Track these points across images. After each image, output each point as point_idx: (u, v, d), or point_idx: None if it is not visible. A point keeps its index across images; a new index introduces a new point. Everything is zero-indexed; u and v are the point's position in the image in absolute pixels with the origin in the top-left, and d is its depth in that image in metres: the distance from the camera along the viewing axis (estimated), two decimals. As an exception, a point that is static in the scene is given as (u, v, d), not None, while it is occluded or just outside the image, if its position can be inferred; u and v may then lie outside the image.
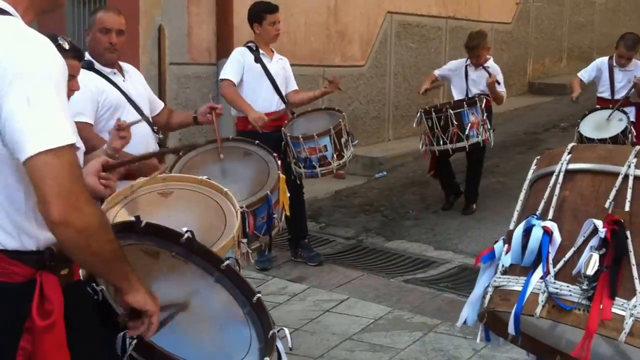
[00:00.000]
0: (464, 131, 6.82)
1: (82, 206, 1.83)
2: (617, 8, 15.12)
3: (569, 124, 9.98)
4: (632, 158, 1.74)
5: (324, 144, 5.69)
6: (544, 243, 1.76)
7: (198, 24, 7.56)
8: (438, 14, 10.58)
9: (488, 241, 6.44)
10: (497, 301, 1.85)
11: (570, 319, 1.67)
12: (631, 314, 1.62)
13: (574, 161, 1.85)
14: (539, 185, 1.95)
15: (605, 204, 1.73)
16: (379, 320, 4.99)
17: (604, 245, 1.68)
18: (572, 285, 1.69)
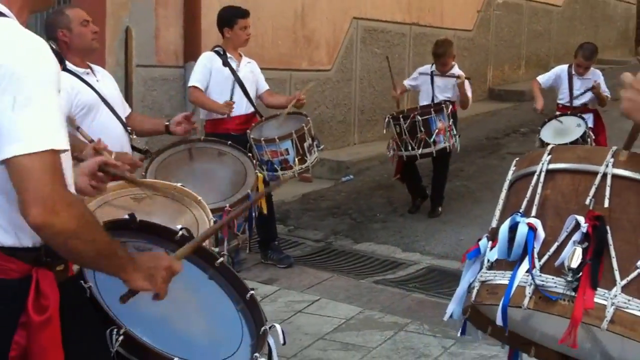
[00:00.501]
0: (431, 137, 6.91)
1: (59, 210, 1.83)
2: (573, 17, 15.40)
3: (529, 129, 10.15)
4: (609, 158, 1.80)
5: (286, 147, 5.72)
6: (529, 238, 1.81)
7: (165, 27, 7.51)
8: (402, 21, 10.67)
9: (454, 243, 6.63)
10: (484, 295, 1.89)
11: (556, 309, 1.72)
12: (612, 303, 1.68)
13: (554, 161, 1.90)
14: (519, 185, 2.00)
15: (586, 201, 1.78)
16: (351, 320, 5.02)
17: (586, 239, 1.73)
18: (557, 277, 1.75)
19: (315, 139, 6.02)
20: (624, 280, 1.70)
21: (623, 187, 1.77)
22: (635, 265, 1.71)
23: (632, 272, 1.70)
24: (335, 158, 9.00)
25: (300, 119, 6.06)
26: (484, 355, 4.37)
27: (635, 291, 1.69)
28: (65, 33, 4.32)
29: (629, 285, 1.70)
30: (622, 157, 1.79)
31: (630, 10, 18.08)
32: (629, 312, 1.68)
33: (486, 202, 7.79)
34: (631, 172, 1.77)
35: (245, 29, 6.08)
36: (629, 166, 1.78)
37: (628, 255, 1.72)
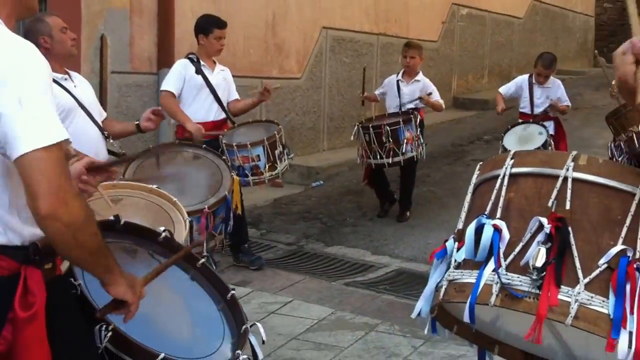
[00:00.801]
0: (399, 147, 7.01)
1: (69, 201, 1.88)
2: (534, 29, 15.58)
3: (492, 136, 10.24)
4: (569, 162, 1.84)
5: (257, 153, 5.77)
6: (495, 239, 1.84)
7: (140, 35, 7.54)
8: (370, 31, 10.76)
9: (422, 246, 6.72)
10: (452, 293, 1.91)
11: (521, 306, 1.76)
12: (576, 300, 1.72)
13: (517, 166, 1.93)
14: (483, 188, 2.02)
15: (548, 203, 1.82)
16: (323, 320, 5.05)
17: (550, 240, 1.77)
18: (522, 276, 1.78)
19: (286, 147, 6.08)
20: (587, 278, 1.74)
21: (583, 190, 1.81)
22: (596, 264, 1.75)
23: (594, 270, 1.74)
24: (305, 164, 9.05)
25: (271, 126, 6.12)
26: (453, 355, 4.43)
27: (598, 289, 1.73)
28: (46, 39, 4.37)
29: (591, 283, 1.73)
30: (582, 162, 1.83)
31: (589, 23, 18.36)
32: (592, 309, 1.71)
33: (452, 207, 7.88)
34: (590, 176, 1.81)
35: (219, 39, 6.12)
36: (589, 170, 1.82)
37: (589, 255, 1.76)
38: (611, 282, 1.72)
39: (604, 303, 1.71)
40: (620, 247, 1.74)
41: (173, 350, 2.27)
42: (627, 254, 1.73)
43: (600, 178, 1.80)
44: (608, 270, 1.73)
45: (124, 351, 2.20)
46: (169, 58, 7.48)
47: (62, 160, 1.90)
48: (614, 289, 1.71)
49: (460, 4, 13.03)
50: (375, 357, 4.51)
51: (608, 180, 1.79)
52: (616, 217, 1.77)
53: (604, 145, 8.76)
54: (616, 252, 1.73)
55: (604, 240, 1.76)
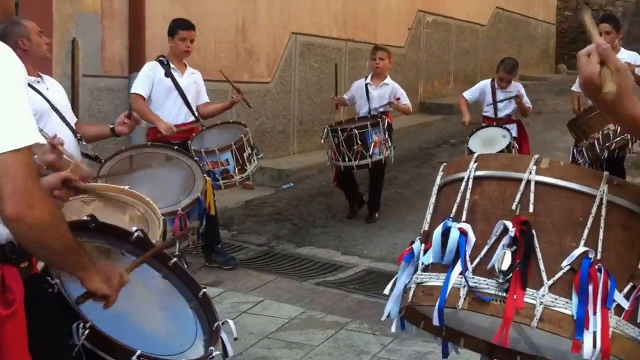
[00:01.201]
0: (367, 150, 7.04)
1: (35, 204, 1.88)
2: (497, 36, 15.72)
3: (458, 140, 10.30)
4: (532, 165, 1.84)
5: (226, 158, 5.78)
6: (461, 242, 1.84)
7: (111, 38, 7.49)
8: (338, 36, 10.80)
9: (391, 246, 6.76)
10: (420, 296, 1.91)
11: (489, 309, 1.76)
12: (541, 302, 1.73)
13: (481, 169, 1.93)
14: (448, 191, 2.02)
15: (512, 207, 1.82)
16: (294, 319, 5.07)
17: (514, 243, 1.78)
18: (488, 279, 1.78)
19: (255, 148, 6.09)
20: (551, 280, 1.74)
21: (545, 193, 1.81)
22: (559, 266, 1.76)
23: (557, 272, 1.75)
24: (275, 166, 9.07)
25: (239, 129, 6.11)
26: (420, 352, 4.46)
27: (561, 290, 1.74)
28: (25, 42, 4.35)
29: (555, 285, 1.74)
30: (544, 165, 1.84)
31: (550, 30, 18.60)
32: (556, 310, 1.73)
33: (420, 209, 7.88)
34: (552, 179, 1.82)
35: (184, 40, 6.09)
36: (550, 173, 1.83)
37: (553, 257, 1.77)
38: (574, 284, 1.73)
39: (568, 304, 1.73)
40: (583, 249, 1.75)
41: (148, 347, 2.27)
42: (588, 256, 1.74)
43: (561, 181, 1.81)
44: (571, 272, 1.74)
45: (101, 348, 2.19)
46: (140, 62, 7.43)
47: (29, 163, 1.90)
48: (577, 290, 1.73)
49: (426, 11, 13.12)
50: (345, 354, 4.53)
51: (569, 182, 1.80)
52: (578, 219, 1.78)
53: (565, 149, 8.89)
54: (578, 254, 1.74)
55: (566, 242, 1.77)
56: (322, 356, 4.50)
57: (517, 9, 16.48)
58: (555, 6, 18.91)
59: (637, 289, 1.76)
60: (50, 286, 2.22)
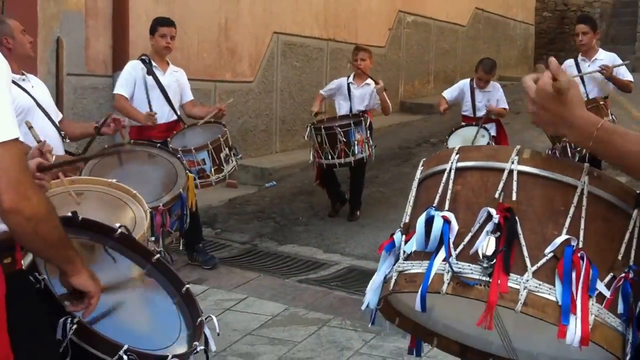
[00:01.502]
0: (350, 148, 7.08)
1: (31, 195, 1.88)
2: (476, 36, 15.77)
3: (437, 139, 10.35)
4: (514, 155, 1.85)
5: (202, 157, 5.77)
6: (445, 230, 1.84)
7: (95, 37, 7.48)
8: (320, 36, 10.82)
9: (372, 244, 6.80)
10: (402, 283, 1.89)
11: (473, 293, 1.75)
12: (525, 287, 1.72)
13: (463, 160, 1.93)
14: (429, 183, 2.00)
15: (495, 195, 1.83)
16: (277, 316, 5.09)
17: (498, 229, 1.78)
18: (472, 264, 1.77)
19: (233, 149, 6.07)
20: (534, 266, 1.74)
21: (528, 182, 1.82)
22: (542, 253, 1.76)
23: (540, 259, 1.75)
24: (258, 165, 9.09)
25: (219, 129, 6.10)
26: (401, 348, 4.48)
27: (544, 277, 1.74)
28: (9, 40, 4.37)
29: (539, 271, 1.74)
30: (526, 155, 1.85)
31: (529, 31, 18.71)
32: (540, 296, 1.72)
33: (400, 207, 7.91)
34: (534, 169, 1.83)
35: (164, 36, 6.10)
36: (532, 163, 1.83)
37: (536, 244, 1.76)
38: (557, 270, 1.74)
39: (551, 290, 1.73)
40: (565, 236, 1.76)
41: (133, 342, 2.28)
42: (571, 244, 1.75)
43: (543, 171, 1.82)
44: (554, 259, 1.75)
45: (88, 343, 2.20)
46: (123, 60, 7.41)
47: (21, 155, 1.91)
48: (561, 276, 1.73)
49: (406, 12, 13.14)
50: (328, 351, 4.55)
51: (551, 172, 1.82)
52: (559, 208, 1.80)
53: (543, 148, 8.96)
54: (561, 241, 1.75)
55: (548, 230, 1.78)
56: (305, 352, 4.52)
57: (496, 9, 16.56)
58: (533, 7, 19.03)
59: (618, 279, 1.77)
60: (37, 282, 2.23)
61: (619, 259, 1.80)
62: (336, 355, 4.49)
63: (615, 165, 1.81)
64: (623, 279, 1.77)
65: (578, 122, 1.74)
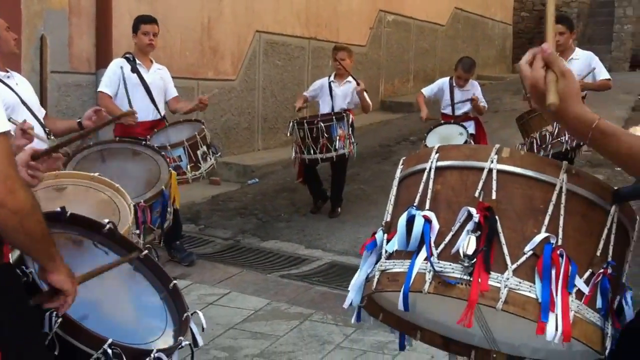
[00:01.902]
0: (332, 143, 7.10)
1: (17, 189, 1.88)
2: (455, 36, 15.87)
3: (417, 137, 10.37)
4: (493, 155, 1.86)
5: (178, 154, 5.75)
6: (426, 229, 1.84)
7: (79, 35, 7.46)
8: (302, 35, 10.85)
9: (353, 240, 6.85)
10: (385, 283, 1.89)
11: (454, 292, 1.76)
12: (505, 285, 1.74)
13: (442, 159, 1.93)
14: (409, 182, 2.01)
15: (475, 194, 1.83)
16: (259, 311, 5.10)
17: (478, 228, 1.78)
18: (454, 263, 1.78)
19: (212, 147, 6.05)
20: (514, 264, 1.75)
21: (507, 181, 1.83)
22: (522, 251, 1.77)
23: (520, 257, 1.76)
24: (241, 162, 9.10)
25: (196, 127, 6.09)
26: (382, 341, 4.52)
27: (524, 274, 1.75)
28: None
29: (519, 269, 1.75)
30: (505, 154, 1.86)
31: (507, 31, 18.84)
32: (521, 293, 1.73)
33: (381, 204, 7.99)
34: (514, 167, 1.83)
35: (147, 34, 6.10)
36: (512, 162, 1.84)
37: (516, 242, 1.77)
38: (537, 268, 1.75)
39: (531, 288, 1.74)
40: (544, 234, 1.77)
41: (119, 336, 2.29)
42: (550, 241, 1.76)
43: (522, 169, 1.83)
44: (534, 257, 1.76)
45: (73, 337, 2.21)
46: (107, 58, 7.43)
47: (8, 150, 1.89)
48: (540, 274, 1.74)
49: (387, 11, 13.20)
50: (310, 344, 4.58)
51: (530, 171, 1.83)
52: (538, 206, 1.80)
53: (521, 147, 9.10)
54: (540, 239, 1.76)
55: (528, 228, 1.79)
56: (287, 346, 4.54)
57: (475, 9, 16.65)
58: (512, 7, 19.17)
59: (596, 275, 1.79)
60: (24, 275, 2.23)
61: (598, 255, 1.82)
62: (318, 349, 4.51)
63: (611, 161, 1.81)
64: (602, 274, 1.80)
65: (572, 122, 1.74)
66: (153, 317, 2.60)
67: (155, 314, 2.61)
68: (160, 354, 2.33)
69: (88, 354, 2.21)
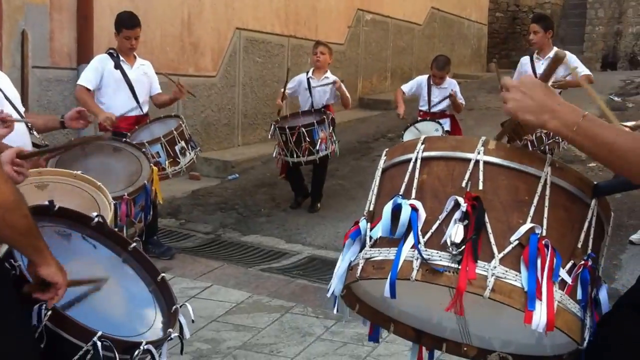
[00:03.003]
0: (314, 146, 7.16)
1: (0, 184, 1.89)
2: (432, 35, 15.92)
3: (395, 134, 10.39)
4: (480, 146, 1.87)
5: (156, 150, 5.74)
6: (413, 217, 1.83)
7: (60, 30, 7.40)
8: (281, 33, 10.83)
9: (332, 234, 6.89)
10: (370, 270, 1.87)
11: (442, 280, 1.76)
12: (492, 274, 1.74)
13: (428, 150, 1.92)
14: (393, 172, 1.99)
15: (462, 184, 1.84)
16: (241, 304, 5.11)
17: (466, 217, 1.79)
18: (441, 251, 1.78)
19: (191, 141, 6.03)
20: (501, 254, 1.76)
21: (493, 173, 1.84)
22: (508, 240, 1.77)
23: (506, 247, 1.77)
24: (221, 158, 9.08)
25: (176, 122, 6.05)
26: (361, 334, 4.51)
27: (510, 264, 1.75)
28: None
29: (505, 258, 1.76)
30: (491, 146, 1.87)
31: (482, 30, 18.94)
32: (507, 282, 1.74)
33: (359, 199, 8.05)
34: (500, 159, 1.85)
35: (128, 39, 6.04)
36: (498, 154, 1.85)
37: (501, 233, 1.78)
38: (523, 258, 1.75)
39: (517, 277, 1.75)
40: (530, 224, 1.78)
41: (108, 328, 2.28)
42: (535, 232, 1.77)
43: (508, 162, 1.84)
44: (519, 247, 1.77)
45: (63, 329, 2.20)
46: (88, 53, 7.41)
47: None
48: (526, 263, 1.75)
49: (365, 10, 13.21)
50: (291, 337, 4.59)
51: (515, 163, 1.84)
52: (524, 198, 1.82)
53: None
54: (526, 229, 1.77)
55: (513, 219, 1.80)
56: (269, 338, 4.55)
57: (451, 9, 16.73)
58: (487, 8, 19.28)
59: (578, 266, 1.81)
60: (13, 268, 2.22)
61: (579, 247, 1.84)
62: (299, 340, 4.53)
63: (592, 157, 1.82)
64: (582, 266, 1.82)
65: (563, 109, 1.77)
66: (142, 309, 2.60)
67: (144, 306, 2.60)
68: (149, 346, 2.32)
69: (77, 347, 2.20)
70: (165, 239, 6.47)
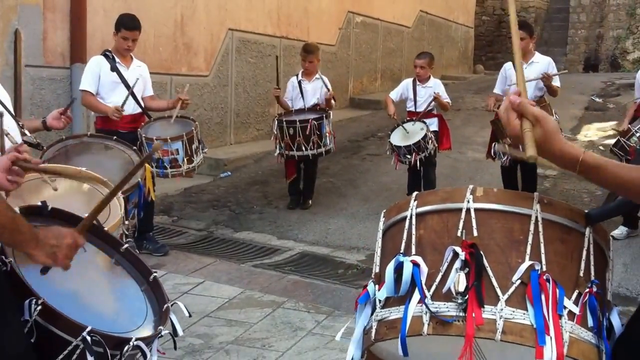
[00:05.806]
0: (322, 139, 7.17)
1: None
2: (421, 37, 16.00)
3: (384, 133, 10.32)
4: (468, 195, 1.88)
5: (176, 147, 5.75)
6: (415, 273, 1.84)
7: (53, 29, 7.31)
8: (273, 34, 10.79)
9: (323, 231, 6.84)
10: (383, 332, 1.88)
11: (452, 330, 1.77)
12: (500, 316, 1.74)
13: (421, 205, 1.93)
14: (393, 231, 2.01)
15: (457, 233, 1.84)
16: (233, 299, 5.08)
17: (466, 265, 1.79)
18: (447, 302, 1.79)
19: (201, 142, 6.07)
20: (506, 295, 1.77)
21: (485, 217, 1.85)
22: (510, 281, 1.78)
23: (510, 287, 1.77)
24: (213, 156, 8.98)
25: (187, 122, 6.08)
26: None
27: (517, 303, 1.76)
28: None
29: (511, 299, 1.77)
30: (479, 193, 1.88)
31: (469, 33, 19.02)
32: (516, 322, 1.74)
33: (349, 197, 8.08)
34: (489, 204, 1.86)
35: (126, 39, 5.99)
36: (486, 199, 1.87)
37: (503, 274, 1.79)
38: (527, 295, 1.75)
39: (525, 315, 1.75)
40: (529, 262, 1.78)
41: (98, 324, 2.27)
42: (535, 268, 1.77)
43: (497, 205, 1.85)
44: (522, 285, 1.77)
45: (52, 324, 2.18)
46: (81, 53, 7.35)
47: None
48: (531, 300, 1.75)
49: (356, 12, 13.21)
50: (282, 331, 4.57)
51: (505, 206, 1.85)
52: (518, 237, 1.82)
53: (482, 143, 9.13)
54: (526, 267, 1.78)
55: (512, 259, 1.81)
56: (261, 333, 4.53)
57: (439, 12, 16.77)
58: (473, 11, 19.36)
59: (583, 295, 1.81)
60: (3, 264, 2.19)
61: (581, 275, 1.83)
62: (290, 335, 4.51)
63: None
64: (588, 293, 1.81)
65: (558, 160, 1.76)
66: (134, 308, 2.56)
67: (136, 305, 2.57)
68: (139, 342, 2.30)
69: (67, 341, 2.17)
70: (158, 236, 6.40)
